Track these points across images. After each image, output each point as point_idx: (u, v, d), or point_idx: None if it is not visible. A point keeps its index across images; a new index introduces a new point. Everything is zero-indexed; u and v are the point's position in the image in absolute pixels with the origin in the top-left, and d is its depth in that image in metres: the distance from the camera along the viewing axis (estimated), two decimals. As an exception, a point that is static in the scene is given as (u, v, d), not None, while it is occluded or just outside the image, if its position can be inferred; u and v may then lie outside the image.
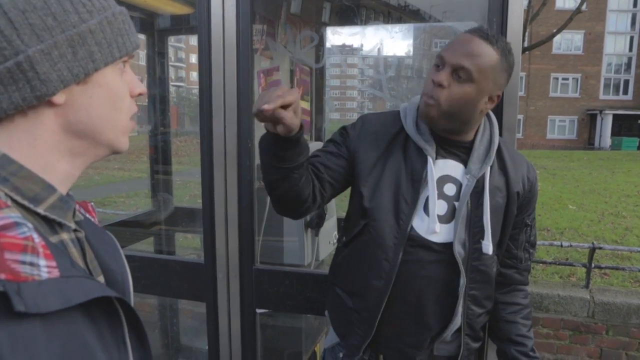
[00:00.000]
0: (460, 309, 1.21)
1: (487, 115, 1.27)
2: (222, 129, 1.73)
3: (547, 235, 6.04)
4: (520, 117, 28.85)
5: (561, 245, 3.24)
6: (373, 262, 1.21)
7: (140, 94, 0.69)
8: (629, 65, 32.20)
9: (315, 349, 2.35)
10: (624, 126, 30.56)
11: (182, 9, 2.49)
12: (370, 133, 1.26)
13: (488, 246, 1.18)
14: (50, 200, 0.60)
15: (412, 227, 1.19)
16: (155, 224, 3.03)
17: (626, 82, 32.02)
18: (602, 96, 31.31)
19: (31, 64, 0.55)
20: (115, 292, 0.60)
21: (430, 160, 1.18)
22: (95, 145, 0.65)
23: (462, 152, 1.22)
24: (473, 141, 1.22)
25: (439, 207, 1.20)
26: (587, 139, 31.10)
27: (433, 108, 1.14)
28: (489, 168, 1.20)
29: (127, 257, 2.01)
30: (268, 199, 1.98)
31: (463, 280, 1.19)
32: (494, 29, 1.47)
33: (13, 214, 0.53)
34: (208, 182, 1.77)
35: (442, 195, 1.20)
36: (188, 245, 4.37)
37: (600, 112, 30.21)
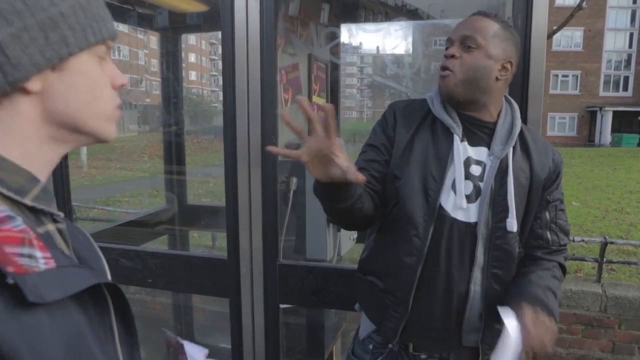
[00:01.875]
0: (477, 288, 1.24)
1: (509, 101, 1.32)
2: (245, 128, 1.74)
3: (553, 232, 6.05)
4: (521, 114, 28.78)
5: (573, 240, 3.26)
6: (404, 239, 1.25)
7: (122, 86, 0.67)
8: (628, 61, 32.22)
9: (333, 348, 2.36)
10: (624, 123, 30.60)
11: (198, 7, 2.49)
12: (402, 116, 1.32)
13: (512, 223, 1.21)
14: (35, 191, 0.59)
15: (440, 205, 1.23)
16: (161, 223, 3.04)
17: (626, 78, 32.04)
18: (602, 93, 31.33)
19: (0, 47, 0.54)
20: (109, 280, 0.61)
21: (456, 139, 1.23)
22: (78, 134, 0.63)
23: (485, 134, 1.27)
24: (496, 123, 1.27)
25: (466, 186, 1.24)
26: (587, 136, 31.13)
27: (449, 78, 1.21)
28: (511, 149, 1.24)
29: (149, 254, 2.02)
30: (291, 194, 2.02)
31: (481, 259, 1.23)
32: (519, 25, 1.48)
33: (2, 207, 0.53)
34: (231, 179, 1.78)
35: (468, 176, 1.24)
36: (198, 244, 4.40)
37: (600, 108, 30.23)
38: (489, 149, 1.25)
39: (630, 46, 32.34)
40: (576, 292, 3.11)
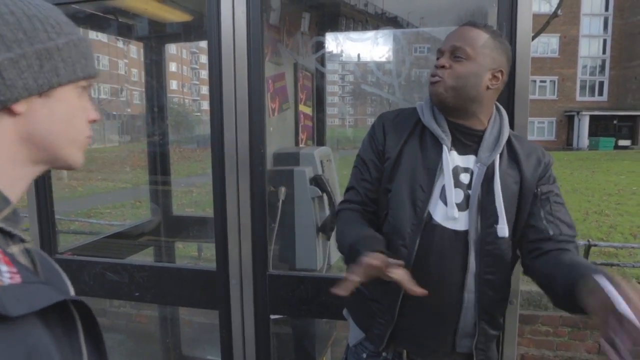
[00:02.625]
0: (470, 295, 1.23)
1: (498, 109, 1.33)
2: (233, 136, 1.73)
3: (536, 235, 6.13)
4: (500, 119, 29.19)
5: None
6: (391, 248, 1.24)
7: (94, 121, 0.73)
8: (603, 67, 33.04)
9: (324, 357, 2.34)
10: (600, 127, 31.28)
11: (182, 17, 2.48)
12: (391, 129, 1.32)
13: (503, 229, 1.21)
14: (5, 212, 0.61)
15: (430, 216, 1.23)
16: (148, 234, 2.99)
17: (601, 83, 32.84)
18: (578, 97, 32.05)
19: None
20: (76, 297, 0.61)
21: (445, 149, 1.24)
22: (52, 158, 0.68)
23: (474, 142, 1.27)
24: (484, 132, 1.28)
25: (456, 195, 1.24)
26: (565, 140, 31.75)
27: (439, 85, 1.22)
28: (498, 156, 1.24)
29: (137, 267, 1.99)
30: (280, 204, 2.01)
31: (473, 265, 1.22)
32: (504, 32, 1.50)
33: None
34: (220, 189, 1.76)
35: (457, 184, 1.25)
36: (185, 254, 4.34)
37: (578, 113, 30.89)
38: (476, 156, 1.26)
39: (604, 52, 33.18)
40: (562, 294, 3.15)
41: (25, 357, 0.52)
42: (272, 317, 1.81)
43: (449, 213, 1.22)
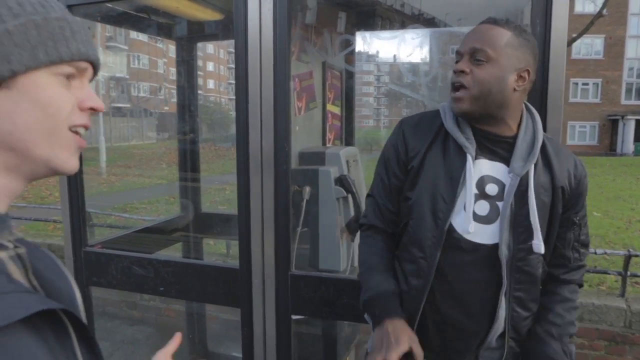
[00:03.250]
0: (502, 312, 1.19)
1: (530, 111, 1.25)
2: (258, 135, 1.73)
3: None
4: (540, 122, 28.35)
5: (595, 253, 3.16)
6: (410, 259, 1.22)
7: (93, 109, 0.64)
8: (651, 69, 31.58)
9: (347, 358, 2.32)
10: (647, 132, 29.92)
11: (213, 15, 2.50)
12: (412, 136, 1.26)
13: (539, 245, 1.15)
14: None
15: (452, 227, 1.18)
16: (178, 230, 3.04)
17: (648, 86, 31.40)
18: (623, 101, 30.74)
19: None
20: (59, 304, 0.57)
21: (469, 158, 1.16)
22: (29, 160, 0.60)
23: (504, 149, 1.20)
24: (516, 137, 1.20)
25: (480, 207, 1.18)
26: (608, 145, 30.52)
27: (463, 101, 1.15)
28: (532, 166, 1.16)
29: (162, 262, 2.01)
30: (304, 204, 1.99)
31: (506, 282, 1.17)
32: (537, 32, 1.44)
33: None
34: (244, 187, 1.76)
35: (483, 195, 1.18)
36: (213, 251, 4.39)
37: (622, 117, 29.65)
38: (507, 165, 1.18)
39: (653, 54, 31.71)
40: (599, 306, 3.01)
41: None
42: (294, 317, 1.80)
43: (465, 225, 1.16)
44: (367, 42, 2.46)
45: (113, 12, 2.18)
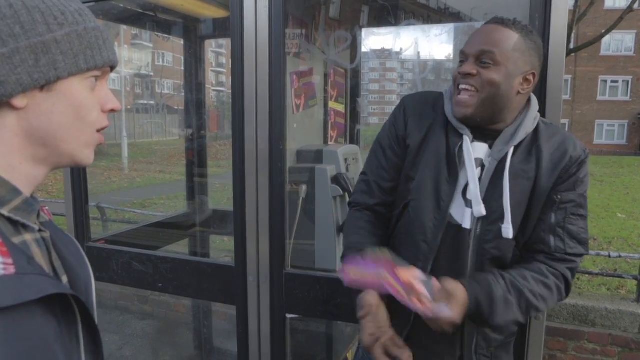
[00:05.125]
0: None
1: (529, 101, 1.21)
2: (253, 132, 1.72)
3: (594, 245, 5.76)
4: (565, 121, 27.74)
5: (609, 256, 3.06)
6: (411, 243, 1.20)
7: (112, 110, 0.71)
8: (684, 66, 30.46)
9: (347, 355, 2.30)
10: (679, 131, 28.91)
11: (219, 13, 2.51)
12: (413, 113, 1.25)
13: (508, 229, 1.12)
14: (15, 203, 0.63)
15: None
16: (191, 226, 3.07)
17: (682, 84, 30.29)
18: (655, 99, 29.76)
19: None
20: (69, 290, 0.63)
21: (466, 139, 1.16)
22: (56, 154, 0.67)
23: (494, 135, 1.19)
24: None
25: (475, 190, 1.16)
26: (638, 145, 29.59)
27: (467, 107, 1.13)
28: (511, 149, 1.14)
29: (160, 258, 2.03)
30: (300, 201, 1.98)
31: (470, 263, 1.15)
32: (536, 26, 1.39)
33: None
34: (239, 185, 1.76)
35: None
36: (224, 248, 4.42)
37: (653, 115, 28.72)
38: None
39: (686, 50, 30.58)
40: (612, 311, 2.92)
41: (16, 343, 0.55)
42: (289, 316, 1.79)
43: (476, 210, 1.13)
44: (373, 39, 2.43)
45: (115, 10, 2.20)
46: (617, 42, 28.87)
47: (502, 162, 1.14)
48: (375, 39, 2.53)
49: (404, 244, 1.23)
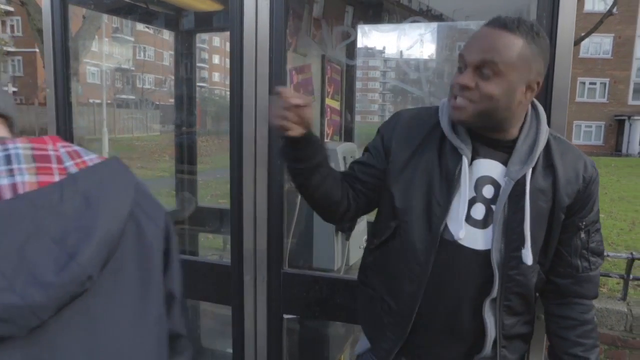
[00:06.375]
0: (490, 319, 1.14)
1: (535, 108, 1.17)
2: (252, 130, 1.68)
3: (576, 244, 5.86)
4: (545, 121, 28.12)
5: (607, 255, 3.10)
6: (404, 265, 1.17)
7: None
8: (659, 70, 31.26)
9: (341, 357, 2.28)
10: (654, 133, 29.66)
11: (213, 6, 2.45)
12: (404, 129, 1.21)
13: (527, 256, 1.09)
14: None
15: (448, 231, 1.13)
16: (177, 223, 3.00)
17: (657, 87, 31.09)
18: (631, 101, 30.48)
19: None
20: None
21: (464, 160, 1.11)
22: None
23: (504, 150, 1.14)
24: (517, 139, 1.13)
25: (477, 210, 1.13)
26: (614, 146, 30.30)
27: (463, 112, 1.07)
28: (530, 169, 1.10)
29: (153, 257, 1.96)
30: (298, 200, 1.95)
31: (497, 290, 1.12)
32: (544, 26, 1.38)
33: None
34: (237, 183, 1.72)
35: (480, 198, 1.13)
36: (210, 246, 4.36)
37: (629, 117, 29.42)
38: (506, 166, 1.12)
39: (662, 54, 31.39)
40: (599, 309, 2.96)
41: None
42: (286, 316, 1.76)
43: (456, 231, 1.11)
44: (371, 37, 2.41)
45: (109, 0, 2.13)
46: (595, 45, 29.49)
47: (520, 182, 1.10)
48: (368, 37, 2.51)
49: (396, 265, 1.20)
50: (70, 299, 0.59)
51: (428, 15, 2.34)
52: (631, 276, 3.03)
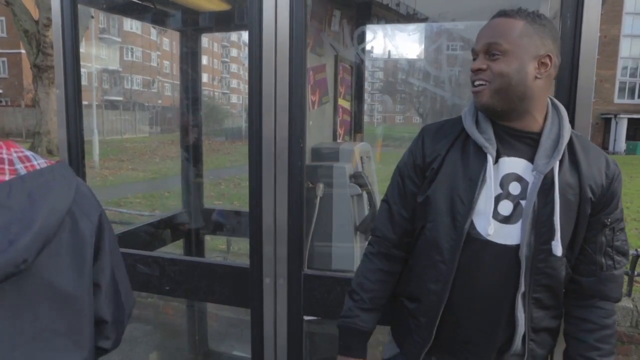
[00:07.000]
0: (520, 315, 1.15)
1: (555, 105, 1.20)
2: (272, 131, 1.66)
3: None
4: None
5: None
6: (429, 264, 1.19)
7: None
8: (644, 68, 31.79)
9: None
10: (639, 130, 30.16)
11: (221, 6, 2.43)
12: (432, 143, 1.23)
13: (557, 247, 1.10)
14: None
15: (474, 229, 1.14)
16: (180, 226, 2.97)
17: (642, 85, 31.61)
18: (616, 100, 30.99)
19: None
20: None
21: (489, 158, 1.12)
22: None
23: (528, 145, 1.15)
24: (541, 133, 1.15)
25: (504, 207, 1.14)
26: (601, 144, 30.71)
27: (483, 92, 1.12)
28: (557, 162, 1.11)
29: (168, 260, 1.94)
30: (317, 201, 1.94)
31: (524, 283, 1.13)
32: (568, 26, 1.39)
33: None
34: (256, 184, 1.70)
35: (506, 195, 1.14)
36: (212, 248, 4.32)
37: (615, 116, 29.88)
38: (532, 162, 1.14)
39: (646, 53, 31.92)
40: (605, 306, 2.98)
41: None
42: (306, 318, 1.74)
43: (484, 228, 1.13)
44: (383, 37, 2.41)
45: (117, 1, 2.10)
46: (581, 44, 29.84)
47: (549, 176, 1.12)
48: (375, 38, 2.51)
49: (423, 265, 1.22)
50: (5, 278, 0.72)
51: (415, 19, 2.34)
52: (636, 272, 3.07)
